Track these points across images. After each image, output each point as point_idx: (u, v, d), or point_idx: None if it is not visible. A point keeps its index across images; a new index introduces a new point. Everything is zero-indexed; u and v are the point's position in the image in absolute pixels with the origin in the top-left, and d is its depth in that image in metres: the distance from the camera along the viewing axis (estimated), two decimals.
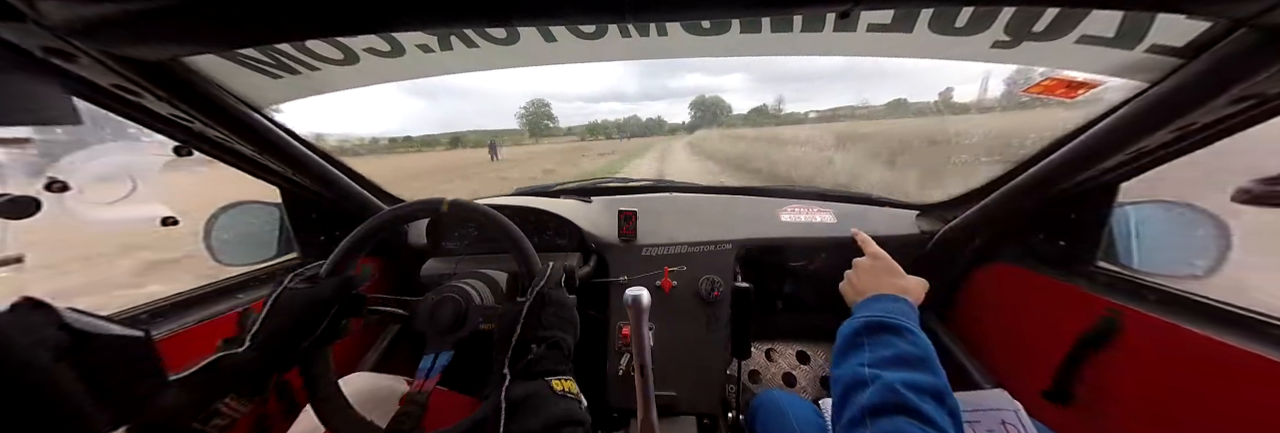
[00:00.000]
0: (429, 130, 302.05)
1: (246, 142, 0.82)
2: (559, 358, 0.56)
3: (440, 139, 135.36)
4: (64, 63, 0.54)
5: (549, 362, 0.55)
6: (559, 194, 1.43)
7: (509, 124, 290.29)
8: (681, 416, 1.01)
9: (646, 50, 0.80)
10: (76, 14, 0.44)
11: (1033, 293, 1.03)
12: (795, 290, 1.51)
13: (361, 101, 51.53)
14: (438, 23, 0.58)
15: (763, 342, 1.49)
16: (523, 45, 0.77)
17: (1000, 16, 0.62)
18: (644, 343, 0.61)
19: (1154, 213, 0.89)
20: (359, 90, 0.88)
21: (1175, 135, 0.69)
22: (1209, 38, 0.54)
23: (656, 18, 0.65)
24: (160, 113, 0.71)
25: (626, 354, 1.04)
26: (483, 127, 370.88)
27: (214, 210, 1.05)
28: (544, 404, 0.49)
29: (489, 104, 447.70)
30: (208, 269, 1.04)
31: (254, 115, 0.79)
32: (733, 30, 0.73)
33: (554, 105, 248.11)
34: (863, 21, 0.68)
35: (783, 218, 1.27)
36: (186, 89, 0.66)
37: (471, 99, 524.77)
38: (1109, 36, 0.61)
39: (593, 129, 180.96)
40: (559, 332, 0.59)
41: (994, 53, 0.70)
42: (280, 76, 0.75)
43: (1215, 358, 0.67)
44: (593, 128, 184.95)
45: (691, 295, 1.10)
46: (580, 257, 1.13)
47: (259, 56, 0.69)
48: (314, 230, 1.16)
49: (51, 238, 3.66)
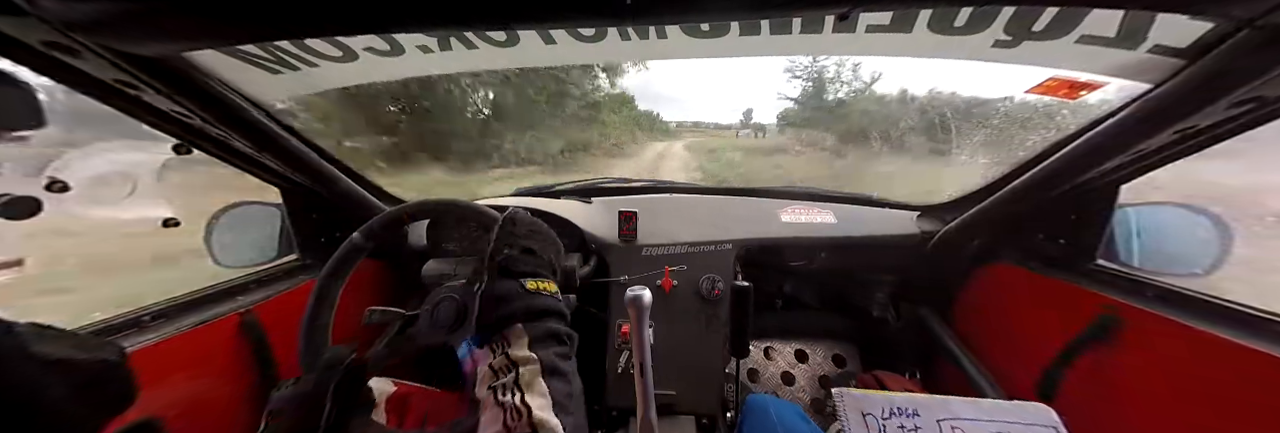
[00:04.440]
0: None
1: (246, 139, 0.82)
2: (535, 263, 0.59)
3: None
4: (66, 57, 0.54)
5: (523, 265, 0.58)
6: (559, 195, 1.43)
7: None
8: (681, 415, 1.01)
9: (646, 53, 0.79)
10: (78, 9, 0.44)
11: (1033, 294, 1.03)
12: (795, 290, 1.51)
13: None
14: (437, 25, 0.58)
15: (761, 340, 1.49)
16: (523, 47, 0.77)
17: (1000, 16, 0.62)
18: (644, 342, 0.61)
19: (1155, 214, 0.89)
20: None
21: (1176, 137, 0.69)
22: (1212, 39, 0.54)
23: (656, 21, 0.65)
24: (161, 109, 0.71)
25: (626, 353, 1.04)
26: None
27: (215, 211, 1.05)
28: (517, 298, 0.52)
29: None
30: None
31: (254, 112, 0.78)
32: (732, 32, 0.73)
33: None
34: (862, 23, 0.68)
35: (783, 218, 1.27)
36: (187, 84, 0.66)
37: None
38: (1110, 36, 0.60)
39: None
40: (532, 242, 0.62)
41: (994, 52, 0.69)
42: (280, 73, 0.75)
43: (1215, 355, 0.67)
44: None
45: (692, 295, 1.10)
46: (580, 257, 1.13)
47: (259, 52, 0.69)
48: (314, 231, 1.16)
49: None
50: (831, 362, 1.46)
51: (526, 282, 0.55)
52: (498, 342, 0.49)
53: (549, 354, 0.48)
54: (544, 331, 0.50)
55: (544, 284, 0.56)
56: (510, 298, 0.52)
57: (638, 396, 0.63)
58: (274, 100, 0.83)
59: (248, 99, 0.77)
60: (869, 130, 8.58)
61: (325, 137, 1.84)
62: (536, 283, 0.55)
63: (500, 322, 0.50)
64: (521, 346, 0.48)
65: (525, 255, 0.60)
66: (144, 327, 0.80)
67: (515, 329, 0.49)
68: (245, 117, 0.77)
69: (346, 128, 5.95)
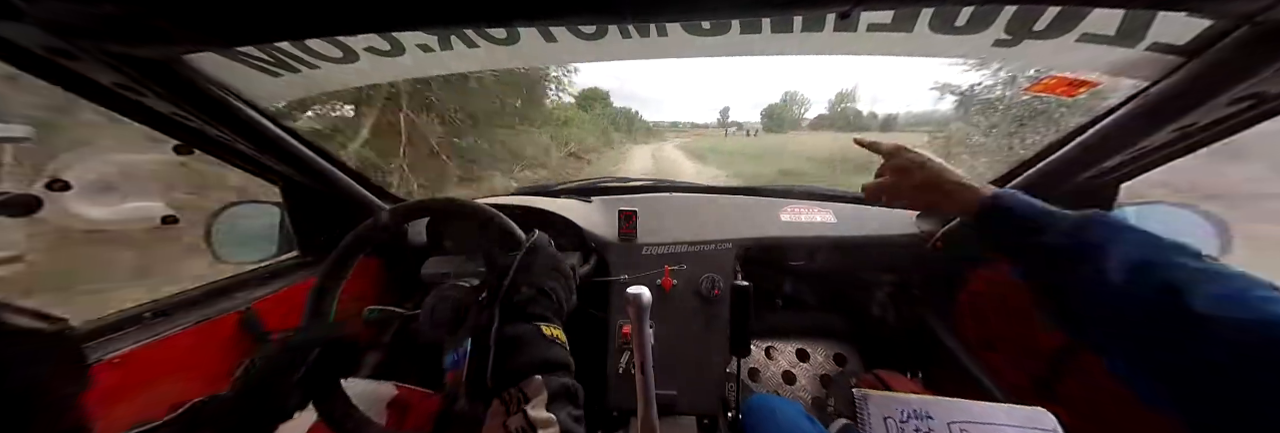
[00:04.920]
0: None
1: (247, 140, 0.82)
2: (549, 305, 0.57)
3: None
4: (66, 62, 0.54)
5: (538, 307, 0.55)
6: (559, 194, 1.43)
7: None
8: (681, 415, 1.01)
9: (647, 51, 0.79)
10: (77, 12, 0.44)
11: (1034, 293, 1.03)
12: (795, 290, 1.51)
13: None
14: (438, 23, 0.58)
15: (762, 340, 1.49)
16: (523, 45, 0.77)
17: (1001, 15, 0.62)
18: (645, 342, 0.61)
19: (1155, 213, 0.89)
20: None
21: (1176, 135, 0.69)
22: (1211, 36, 0.54)
23: (657, 18, 0.65)
24: (161, 112, 0.71)
25: (627, 353, 1.04)
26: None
27: (215, 209, 1.05)
28: (534, 345, 0.50)
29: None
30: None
31: (254, 114, 0.78)
32: (733, 31, 0.73)
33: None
34: (863, 21, 0.68)
35: (783, 218, 1.27)
36: (188, 87, 0.66)
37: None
38: (1110, 34, 0.61)
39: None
40: (550, 281, 0.60)
41: (995, 51, 0.69)
42: (280, 75, 0.75)
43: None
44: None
45: (692, 294, 1.10)
46: (580, 256, 1.13)
47: (259, 54, 0.69)
48: (314, 229, 1.16)
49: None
50: (833, 361, 1.46)
51: (542, 326, 0.52)
52: (513, 396, 0.45)
53: (565, 416, 0.45)
54: (560, 386, 0.47)
55: (556, 331, 0.53)
56: (528, 344, 0.49)
57: (638, 396, 0.63)
58: (275, 102, 0.83)
59: (247, 101, 0.77)
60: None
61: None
62: (550, 329, 0.53)
63: (517, 372, 0.47)
64: (540, 404, 0.45)
65: (542, 297, 0.57)
66: (145, 324, 0.80)
67: (534, 383, 0.46)
68: (246, 118, 0.77)
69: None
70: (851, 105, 59.75)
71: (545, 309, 0.56)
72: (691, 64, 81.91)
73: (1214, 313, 0.38)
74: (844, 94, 59.07)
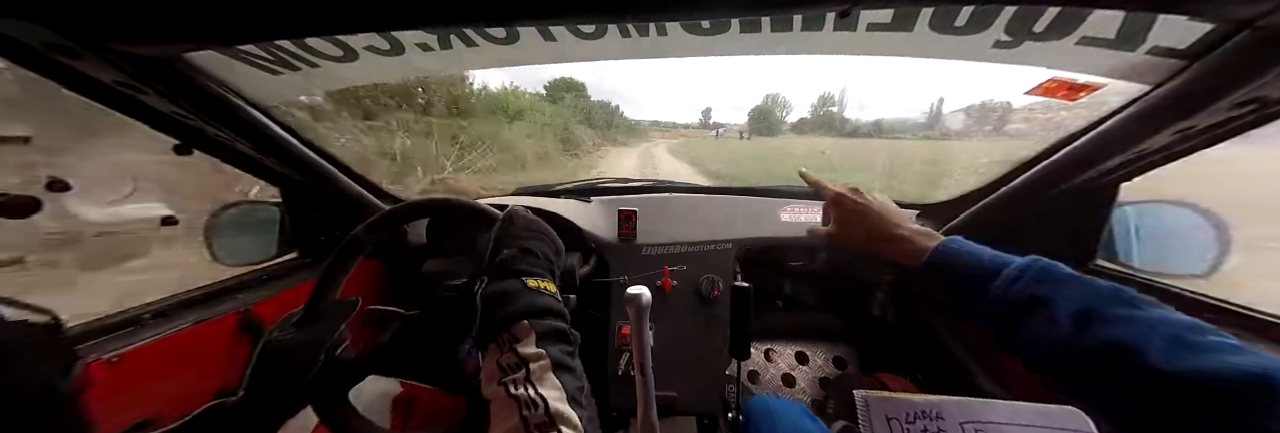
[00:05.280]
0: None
1: (247, 140, 0.82)
2: (534, 261, 0.59)
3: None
4: (67, 59, 0.54)
5: (522, 263, 0.58)
6: (559, 194, 1.43)
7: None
8: (681, 416, 1.01)
9: (646, 50, 0.79)
10: (79, 10, 0.44)
11: None
12: (795, 290, 1.51)
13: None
14: (438, 22, 0.58)
15: (762, 342, 1.49)
16: (523, 45, 0.77)
17: (1001, 16, 0.62)
18: (644, 342, 0.61)
19: (1155, 213, 0.89)
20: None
21: (1176, 138, 0.69)
22: (1212, 40, 0.54)
23: (656, 17, 0.65)
24: (161, 111, 0.71)
25: (627, 354, 1.04)
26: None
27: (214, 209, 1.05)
28: (518, 296, 0.52)
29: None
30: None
31: (255, 113, 0.78)
32: (732, 30, 0.73)
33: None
34: (863, 21, 0.68)
35: (783, 218, 1.27)
36: (188, 85, 0.66)
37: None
38: (1110, 38, 0.60)
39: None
40: (532, 240, 0.62)
41: (995, 53, 0.69)
42: (280, 73, 0.75)
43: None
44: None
45: (691, 294, 1.10)
46: (580, 256, 1.13)
47: (259, 53, 0.69)
48: (315, 230, 1.16)
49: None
50: (832, 363, 1.46)
51: (527, 279, 0.55)
52: (504, 339, 0.48)
53: (556, 351, 0.47)
54: (549, 328, 0.50)
55: (544, 283, 0.56)
56: (513, 295, 0.52)
57: (638, 396, 0.63)
58: (275, 102, 0.83)
59: (248, 100, 0.77)
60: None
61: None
62: (537, 281, 0.55)
63: (505, 320, 0.49)
64: (529, 342, 0.47)
65: (525, 254, 0.59)
66: (144, 324, 0.79)
67: (521, 326, 0.49)
68: (246, 117, 0.77)
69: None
70: (850, 108, 59.79)
71: (530, 265, 0.58)
72: (671, 63, 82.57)
73: (1159, 366, 0.38)
74: (826, 98, 58.66)
